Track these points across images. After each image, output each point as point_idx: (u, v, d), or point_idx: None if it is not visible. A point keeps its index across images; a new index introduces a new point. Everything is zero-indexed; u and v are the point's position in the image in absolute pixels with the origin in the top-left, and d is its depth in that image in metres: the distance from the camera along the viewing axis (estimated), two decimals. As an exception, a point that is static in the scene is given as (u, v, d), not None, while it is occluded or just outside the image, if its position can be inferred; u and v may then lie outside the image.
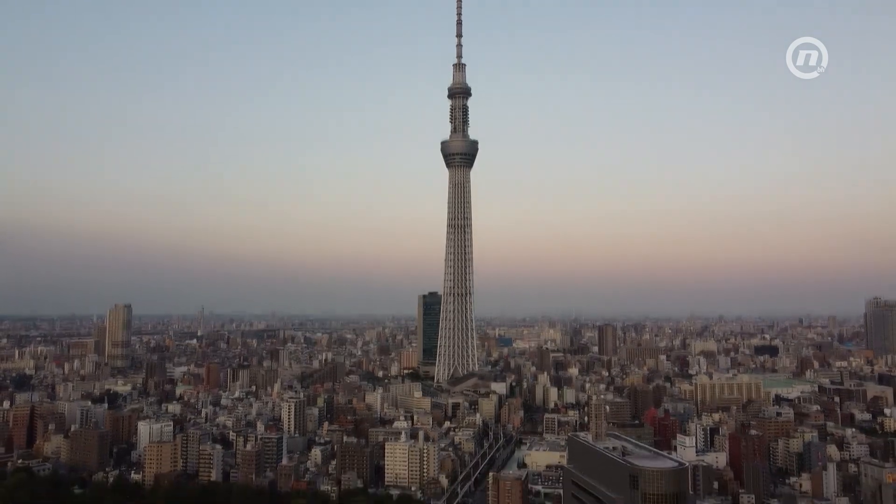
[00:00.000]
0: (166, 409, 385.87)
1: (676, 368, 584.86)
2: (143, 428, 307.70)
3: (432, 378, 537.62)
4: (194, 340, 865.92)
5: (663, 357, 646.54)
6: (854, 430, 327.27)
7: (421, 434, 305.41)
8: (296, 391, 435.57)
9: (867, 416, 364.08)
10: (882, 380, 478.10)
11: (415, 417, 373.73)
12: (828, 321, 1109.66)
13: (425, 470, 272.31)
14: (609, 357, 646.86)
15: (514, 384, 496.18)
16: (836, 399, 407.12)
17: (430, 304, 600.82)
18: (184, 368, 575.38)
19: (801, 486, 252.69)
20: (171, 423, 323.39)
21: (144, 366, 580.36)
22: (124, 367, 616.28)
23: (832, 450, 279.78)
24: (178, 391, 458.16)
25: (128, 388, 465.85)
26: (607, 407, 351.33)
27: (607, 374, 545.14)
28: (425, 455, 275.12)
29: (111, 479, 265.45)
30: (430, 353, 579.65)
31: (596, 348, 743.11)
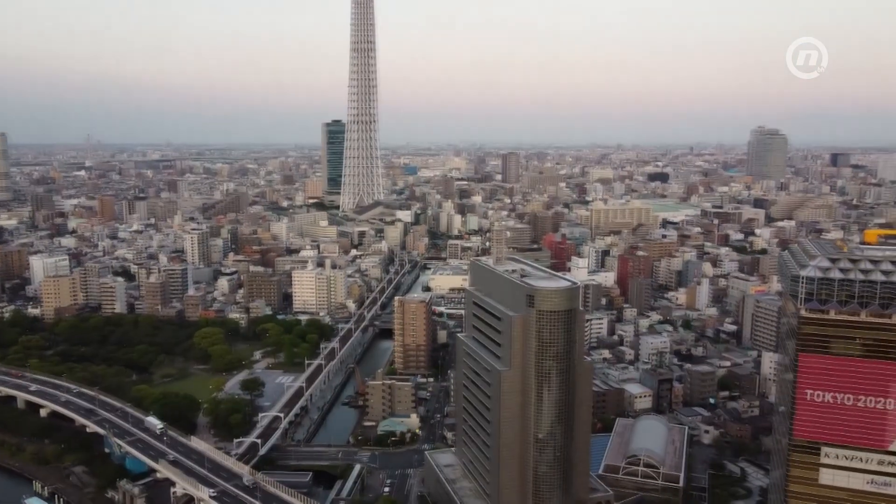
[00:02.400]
0: (59, 244, 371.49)
1: (575, 195, 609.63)
2: (37, 263, 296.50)
3: (338, 207, 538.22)
4: (83, 171, 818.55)
5: (563, 184, 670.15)
6: (728, 248, 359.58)
7: (328, 262, 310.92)
8: (198, 222, 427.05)
9: (740, 237, 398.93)
10: (757, 203, 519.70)
11: (321, 246, 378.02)
12: (716, 149, 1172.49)
13: (333, 296, 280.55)
14: (512, 185, 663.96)
15: (419, 212, 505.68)
16: (716, 221, 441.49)
17: (335, 132, 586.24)
18: (74, 201, 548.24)
19: (677, 299, 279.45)
20: (67, 257, 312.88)
21: (30, 198, 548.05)
22: (7, 200, 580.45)
23: (707, 267, 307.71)
24: (71, 224, 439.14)
25: (13, 222, 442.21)
26: (509, 232, 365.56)
27: (510, 201, 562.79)
28: (332, 282, 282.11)
29: (7, 314, 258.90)
30: (335, 182, 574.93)
31: (500, 176, 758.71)
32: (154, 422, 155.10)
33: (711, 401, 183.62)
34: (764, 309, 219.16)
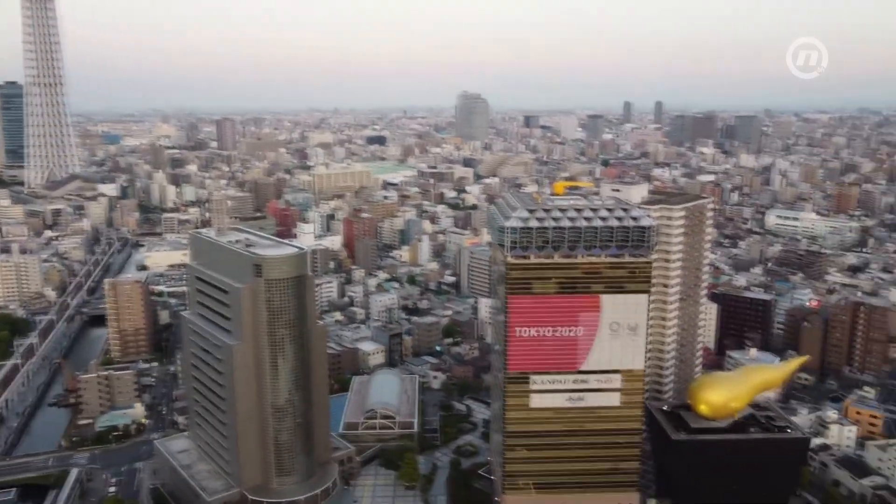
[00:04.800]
0: None
1: (296, 161, 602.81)
2: None
3: (22, 183, 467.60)
4: None
5: (283, 150, 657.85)
6: (444, 206, 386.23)
7: (15, 247, 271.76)
8: None
9: (454, 194, 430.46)
10: (466, 163, 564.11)
11: (4, 229, 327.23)
12: (428, 112, 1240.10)
13: (25, 285, 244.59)
14: (229, 152, 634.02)
15: (126, 185, 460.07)
16: (432, 181, 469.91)
17: (11, 96, 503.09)
18: None
19: (402, 256, 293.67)
20: None
21: None
22: None
23: (426, 224, 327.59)
24: None
25: None
26: (229, 202, 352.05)
27: (228, 169, 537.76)
28: (24, 269, 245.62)
29: None
30: (16, 154, 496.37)
31: (215, 143, 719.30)
32: None
33: (438, 348, 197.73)
34: (478, 259, 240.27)
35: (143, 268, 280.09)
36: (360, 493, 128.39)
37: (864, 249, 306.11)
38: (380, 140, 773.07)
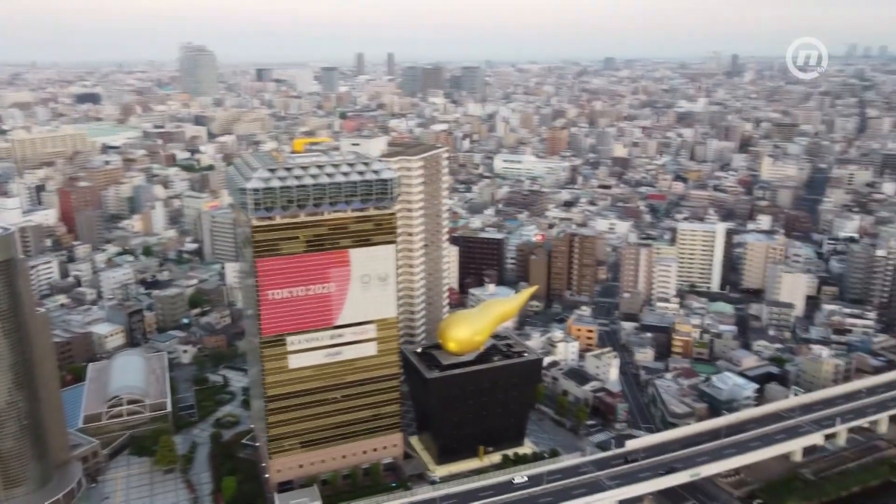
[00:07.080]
0: None
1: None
2: None
3: None
4: None
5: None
6: (177, 168, 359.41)
7: None
8: None
9: (187, 155, 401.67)
10: (198, 121, 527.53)
11: None
12: (147, 66, 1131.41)
13: None
14: None
15: None
16: (160, 142, 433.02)
17: None
18: None
19: (133, 226, 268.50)
20: None
21: None
22: None
23: (158, 189, 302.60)
24: None
25: None
26: None
27: None
28: None
29: None
30: None
31: None
32: None
33: (185, 321, 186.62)
34: (220, 223, 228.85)
35: None
36: (112, 488, 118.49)
37: (574, 186, 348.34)
38: (92, 98, 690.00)
